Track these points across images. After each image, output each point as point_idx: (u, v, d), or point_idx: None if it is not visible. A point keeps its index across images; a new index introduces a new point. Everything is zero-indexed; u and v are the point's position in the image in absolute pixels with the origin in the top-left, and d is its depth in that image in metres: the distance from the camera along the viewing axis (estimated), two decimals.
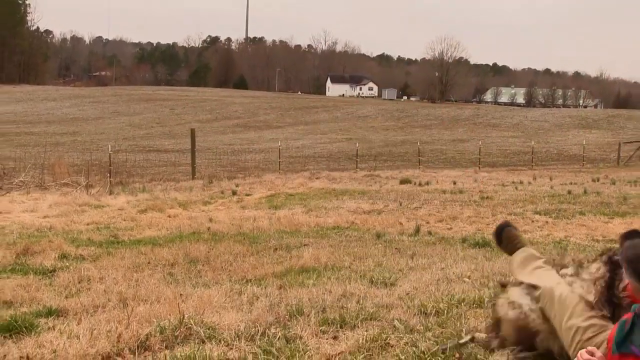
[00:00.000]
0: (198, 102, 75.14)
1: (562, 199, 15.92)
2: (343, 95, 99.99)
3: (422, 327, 4.30)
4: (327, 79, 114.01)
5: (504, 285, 4.03)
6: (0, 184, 18.35)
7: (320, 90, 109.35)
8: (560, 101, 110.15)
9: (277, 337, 4.11)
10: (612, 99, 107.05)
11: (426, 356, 3.77)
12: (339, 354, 3.83)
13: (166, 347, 3.97)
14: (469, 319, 4.48)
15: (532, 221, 11.74)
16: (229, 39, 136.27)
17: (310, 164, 30.07)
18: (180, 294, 5.42)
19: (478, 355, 3.77)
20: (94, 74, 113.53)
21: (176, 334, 4.14)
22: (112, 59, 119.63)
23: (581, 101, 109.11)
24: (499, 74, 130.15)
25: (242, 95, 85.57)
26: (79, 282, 6.18)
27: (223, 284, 6.06)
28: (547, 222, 11.51)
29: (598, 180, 22.14)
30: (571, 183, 21.08)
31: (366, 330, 4.21)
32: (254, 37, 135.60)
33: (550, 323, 3.48)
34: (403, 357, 3.79)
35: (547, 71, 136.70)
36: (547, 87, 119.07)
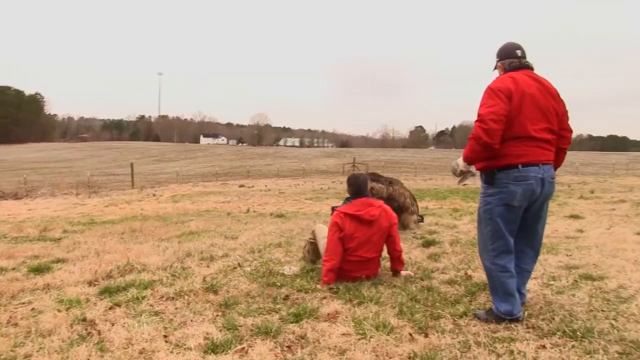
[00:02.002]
0: (134, 149, 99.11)
1: (320, 191, 22.31)
2: (209, 143, 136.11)
3: (251, 258, 5.78)
4: (200, 135, 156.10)
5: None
6: (31, 194, 26.29)
7: (197, 141, 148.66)
8: (315, 144, 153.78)
9: (178, 267, 5.34)
10: (339, 143, 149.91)
11: (255, 275, 5.01)
12: (210, 273, 5.04)
13: (121, 276, 5.05)
14: (275, 253, 6.09)
15: (302, 202, 16.52)
16: (150, 116, 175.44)
17: (193, 179, 41.32)
18: (127, 248, 6.50)
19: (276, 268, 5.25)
20: (79, 135, 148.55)
21: (125, 269, 5.27)
22: (89, 127, 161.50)
23: (325, 144, 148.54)
24: (287, 131, 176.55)
25: (157, 145, 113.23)
26: (73, 244, 7.21)
27: (150, 242, 7.24)
28: (310, 202, 16.15)
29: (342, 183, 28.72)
30: (324, 184, 28.92)
31: (224, 262, 5.57)
32: (164, 115, 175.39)
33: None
34: (243, 273, 5.05)
35: (309, 130, 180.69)
36: (309, 137, 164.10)
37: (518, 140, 3.60)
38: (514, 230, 3.76)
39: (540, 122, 3.64)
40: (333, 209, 5.29)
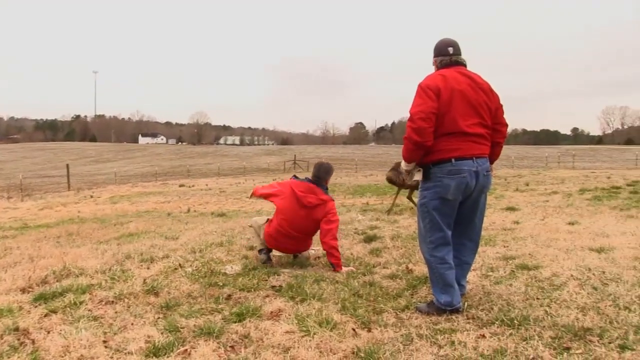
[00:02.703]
0: (70, 150, 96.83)
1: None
2: (148, 143, 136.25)
3: (192, 259, 5.69)
4: (139, 135, 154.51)
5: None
6: None
7: (135, 140, 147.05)
8: (256, 142, 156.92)
9: (117, 270, 5.20)
10: (280, 140, 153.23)
11: (197, 275, 4.96)
12: (151, 275, 4.94)
13: (57, 281, 4.88)
14: (216, 252, 6.01)
15: (243, 200, 16.51)
16: (86, 116, 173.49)
17: (132, 180, 40.68)
18: (64, 252, 6.31)
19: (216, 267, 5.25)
20: (11, 136, 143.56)
21: (62, 274, 5.10)
22: (20, 128, 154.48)
23: (266, 142, 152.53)
24: (227, 130, 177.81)
25: (94, 145, 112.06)
26: (5, 250, 7.00)
27: (87, 245, 7.08)
28: (251, 200, 15.67)
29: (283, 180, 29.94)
30: (265, 182, 27.19)
31: (164, 263, 5.48)
32: (101, 115, 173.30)
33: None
34: (184, 274, 4.99)
35: (250, 128, 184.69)
36: (250, 136, 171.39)
37: (450, 136, 3.69)
38: (451, 223, 3.85)
39: (471, 117, 3.72)
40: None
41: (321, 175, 5.43)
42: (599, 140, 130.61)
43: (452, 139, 3.69)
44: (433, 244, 3.81)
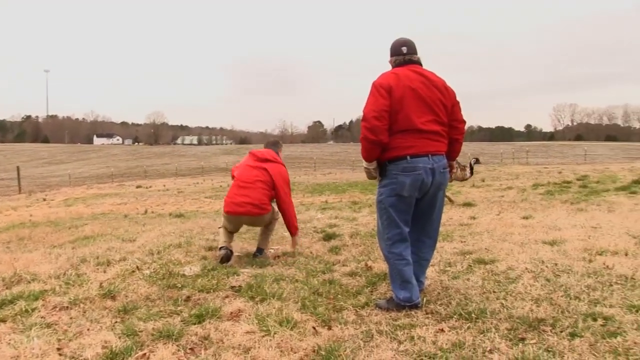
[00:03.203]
0: (21, 152, 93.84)
1: (220, 189, 21.95)
2: (103, 144, 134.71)
3: (150, 260, 5.59)
4: (93, 136, 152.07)
5: None
6: None
7: (90, 141, 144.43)
8: (214, 142, 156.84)
9: (72, 274, 5.05)
10: (238, 139, 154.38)
11: (155, 277, 4.83)
12: (107, 279, 4.82)
13: (7, 288, 4.68)
14: (175, 254, 5.92)
15: (201, 200, 16.66)
16: (37, 116, 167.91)
17: (87, 181, 40.67)
18: (14, 258, 6.14)
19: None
20: None
21: (12, 280, 4.90)
22: None
23: (224, 141, 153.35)
24: (184, 129, 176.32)
25: (47, 146, 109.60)
26: None
27: (40, 249, 6.88)
28: (210, 200, 16.34)
29: None
30: (223, 181, 28.78)
31: (121, 266, 5.34)
32: (53, 115, 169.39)
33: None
34: (142, 276, 4.86)
35: (207, 128, 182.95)
36: (207, 135, 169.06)
37: (405, 133, 3.73)
38: (409, 220, 3.88)
39: (426, 114, 3.76)
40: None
41: (269, 147, 6.10)
42: (551, 136, 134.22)
43: (407, 136, 3.73)
44: (390, 241, 3.84)
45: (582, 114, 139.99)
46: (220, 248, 5.63)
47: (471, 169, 10.83)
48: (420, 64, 3.99)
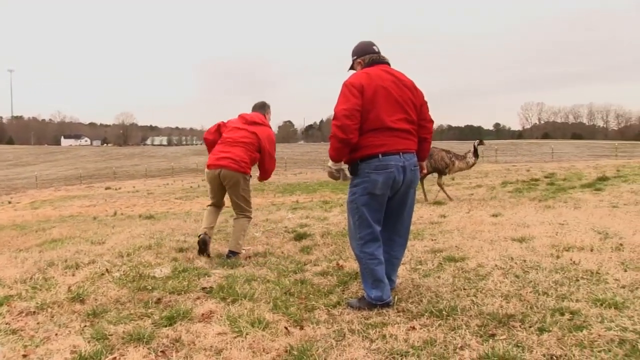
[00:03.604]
0: None
1: (190, 190, 21.99)
2: (71, 145, 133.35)
3: (120, 263, 5.49)
4: (61, 137, 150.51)
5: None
6: None
7: (58, 142, 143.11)
8: (184, 142, 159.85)
9: (39, 278, 4.93)
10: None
11: (125, 279, 4.78)
12: (76, 282, 4.71)
13: None
14: (145, 256, 5.83)
15: (171, 201, 16.58)
16: (1, 117, 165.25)
17: (55, 183, 39.73)
18: None
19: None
20: None
21: None
22: None
23: (194, 142, 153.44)
24: (154, 130, 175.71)
25: (12, 148, 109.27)
26: None
27: (5, 253, 6.77)
28: (180, 201, 16.30)
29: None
30: (194, 182, 29.41)
31: (90, 269, 5.23)
32: (18, 116, 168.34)
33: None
34: (111, 279, 4.79)
35: (177, 128, 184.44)
36: (177, 136, 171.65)
37: (376, 132, 3.77)
38: (380, 219, 3.90)
39: (396, 113, 3.80)
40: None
41: (256, 108, 6.34)
42: (519, 135, 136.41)
43: (379, 135, 3.77)
44: (362, 240, 3.85)
45: (549, 112, 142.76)
46: (199, 235, 5.79)
47: (475, 151, 10.98)
48: (389, 64, 4.05)
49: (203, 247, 5.71)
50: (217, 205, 6.09)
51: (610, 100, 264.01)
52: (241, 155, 5.79)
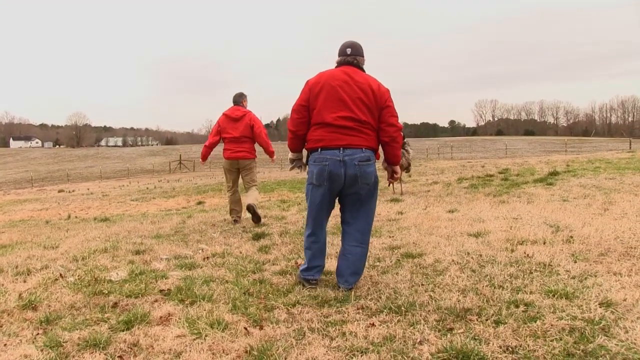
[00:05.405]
0: None
1: (146, 191, 22.26)
2: (21, 147, 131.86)
3: (75, 267, 5.36)
4: (10, 139, 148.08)
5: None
6: None
7: (6, 144, 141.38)
8: (140, 143, 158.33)
9: None
10: (164, 140, 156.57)
11: (80, 284, 4.66)
12: (27, 289, 4.58)
13: None
14: (100, 259, 5.71)
15: (127, 203, 16.16)
16: None
17: (3, 187, 39.90)
18: None
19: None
20: None
21: None
22: None
23: (150, 142, 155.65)
24: (108, 131, 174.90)
25: None
26: None
27: None
28: (136, 203, 16.36)
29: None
30: (150, 183, 29.00)
31: (43, 274, 5.06)
32: None
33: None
34: (66, 284, 4.66)
35: (132, 129, 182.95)
36: (132, 136, 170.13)
37: (318, 127, 4.09)
38: (324, 210, 4.22)
39: (340, 111, 4.02)
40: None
41: (236, 99, 8.20)
42: (474, 131, 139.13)
43: (319, 130, 4.08)
44: (307, 225, 4.27)
45: (502, 109, 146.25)
46: (234, 221, 8.25)
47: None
48: (358, 67, 4.23)
49: (255, 217, 7.91)
50: (236, 189, 8.23)
51: (559, 97, 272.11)
52: (250, 147, 8.12)
